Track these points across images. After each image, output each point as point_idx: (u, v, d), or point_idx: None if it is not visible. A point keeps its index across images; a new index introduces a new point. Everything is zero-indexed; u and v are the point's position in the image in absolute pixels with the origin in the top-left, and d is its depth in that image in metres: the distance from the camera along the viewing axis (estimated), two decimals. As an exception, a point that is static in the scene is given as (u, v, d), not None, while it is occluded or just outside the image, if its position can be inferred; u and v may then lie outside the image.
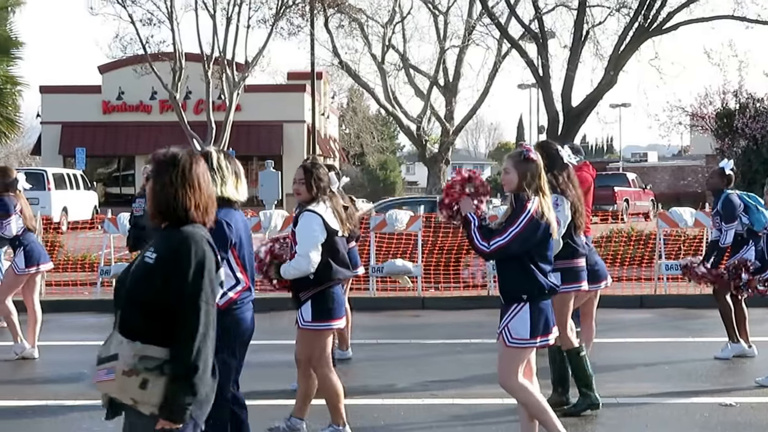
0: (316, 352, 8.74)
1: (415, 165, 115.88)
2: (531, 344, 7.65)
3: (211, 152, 7.51)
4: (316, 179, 8.78)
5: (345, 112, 79.00)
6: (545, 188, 7.75)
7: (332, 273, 8.68)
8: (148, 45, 37.85)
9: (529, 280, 7.59)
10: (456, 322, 16.73)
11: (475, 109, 32.52)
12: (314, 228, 8.57)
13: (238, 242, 7.34)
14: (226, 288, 7.20)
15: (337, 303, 8.75)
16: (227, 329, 7.24)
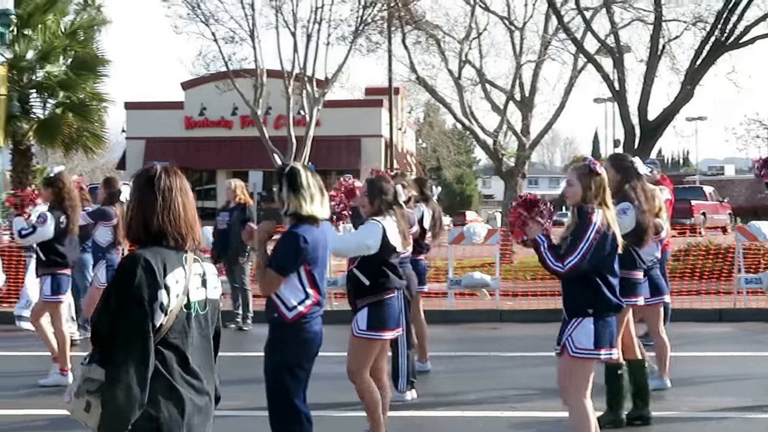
0: (361, 360, 8.80)
1: (492, 179, 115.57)
2: (595, 355, 7.64)
3: (299, 169, 7.70)
4: (379, 192, 8.94)
5: (422, 126, 79.10)
6: (609, 201, 7.77)
7: (388, 281, 8.81)
8: (230, 62, 38.31)
9: (596, 295, 7.59)
10: (534, 334, 16.79)
11: (551, 123, 32.47)
12: (369, 236, 8.73)
13: (313, 259, 7.47)
14: (296, 302, 7.41)
15: (391, 315, 8.85)
16: (296, 342, 7.45)
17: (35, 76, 34.34)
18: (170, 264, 4.59)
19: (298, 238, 7.35)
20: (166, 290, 4.52)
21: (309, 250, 7.39)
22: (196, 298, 4.69)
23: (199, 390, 4.67)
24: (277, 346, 7.45)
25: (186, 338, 4.62)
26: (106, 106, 35.47)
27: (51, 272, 12.49)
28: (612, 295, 7.63)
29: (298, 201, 7.49)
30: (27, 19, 33.14)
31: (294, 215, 7.50)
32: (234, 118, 57.86)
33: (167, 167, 4.91)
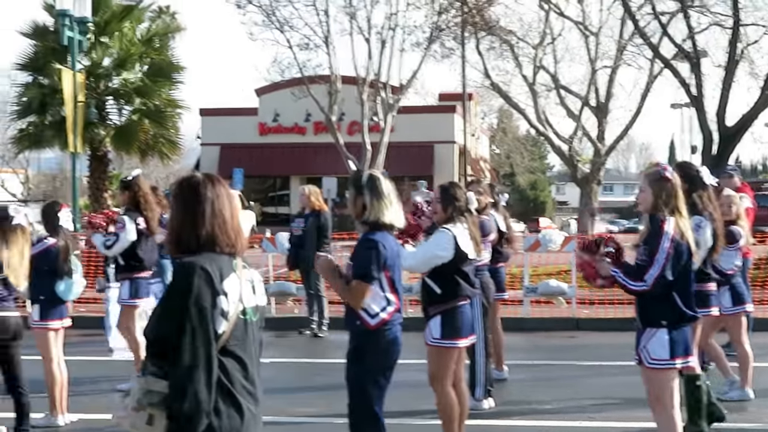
0: (440, 368, 8.75)
1: (566, 185, 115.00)
2: (671, 365, 7.53)
3: (379, 177, 7.68)
4: (452, 199, 8.89)
5: (495, 132, 78.98)
6: (682, 209, 7.62)
7: (460, 290, 8.75)
8: (304, 69, 38.48)
9: (670, 306, 7.47)
10: (611, 343, 16.62)
11: (626, 129, 32.29)
12: (442, 246, 8.68)
13: (391, 265, 7.45)
14: (378, 309, 7.38)
15: (465, 322, 8.80)
16: (379, 350, 7.42)
17: (112, 83, 34.75)
18: (225, 270, 4.60)
19: (377, 244, 7.33)
20: (225, 296, 4.54)
21: (388, 256, 7.38)
22: (250, 305, 4.69)
23: (255, 398, 4.68)
24: (361, 354, 7.42)
25: (244, 345, 4.63)
26: (181, 113, 35.83)
27: (129, 276, 12.57)
28: (686, 306, 7.51)
29: (379, 208, 7.47)
30: (104, 27, 33.55)
31: (373, 223, 7.46)
32: (307, 124, 58.15)
33: (209, 175, 4.91)
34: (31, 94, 33.72)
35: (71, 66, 29.02)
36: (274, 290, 19.78)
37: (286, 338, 18.01)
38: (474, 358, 11.13)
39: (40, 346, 10.74)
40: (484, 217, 11.49)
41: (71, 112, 28.66)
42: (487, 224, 11.41)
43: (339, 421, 7.53)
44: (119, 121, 34.88)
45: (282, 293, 19.88)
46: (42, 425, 10.65)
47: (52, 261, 10.54)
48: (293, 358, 15.86)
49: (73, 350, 13.88)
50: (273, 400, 12.04)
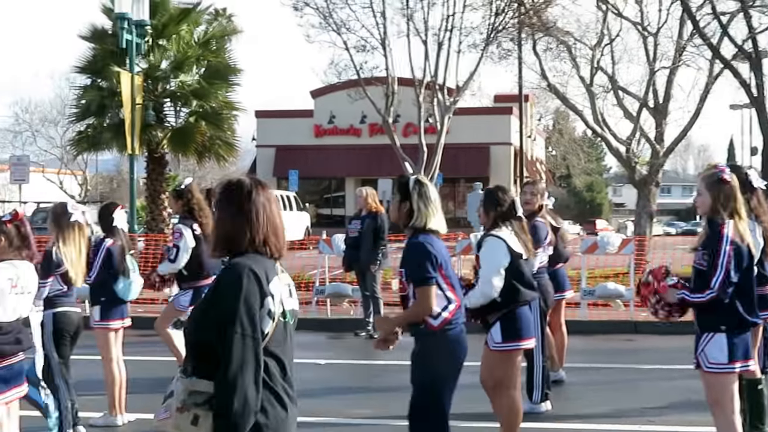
0: (505, 372, 8.72)
1: (623, 187, 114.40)
2: (730, 369, 7.42)
3: (426, 182, 7.63)
4: (495, 204, 8.80)
5: (551, 134, 78.72)
6: (741, 211, 7.51)
7: (519, 295, 8.67)
8: (361, 71, 38.51)
9: (730, 311, 7.35)
10: (670, 346, 16.48)
11: (685, 130, 31.87)
12: (497, 253, 8.58)
13: (444, 263, 7.40)
14: (440, 309, 7.34)
15: (525, 323, 8.73)
16: (445, 351, 7.38)
17: (169, 85, 34.88)
18: (270, 273, 4.67)
19: (424, 245, 7.31)
20: (272, 297, 4.62)
21: (438, 254, 7.35)
22: (288, 308, 4.73)
23: (293, 399, 4.71)
24: (427, 356, 7.38)
25: (284, 347, 4.68)
26: (238, 115, 35.90)
27: (193, 285, 12.56)
28: (747, 311, 7.39)
29: (427, 214, 7.43)
30: (161, 30, 33.70)
31: (419, 228, 7.43)
32: (363, 126, 58.29)
33: (257, 179, 5.01)
34: (89, 97, 33.92)
35: (129, 69, 29.20)
36: (330, 292, 19.82)
37: (341, 340, 18.04)
38: (532, 361, 11.07)
39: (101, 346, 10.82)
40: (538, 220, 11.41)
41: (129, 115, 28.84)
42: (541, 227, 11.33)
43: (395, 423, 7.52)
44: (176, 123, 35.00)
45: (338, 295, 19.90)
46: (101, 425, 10.73)
47: (112, 261, 10.62)
48: (349, 359, 15.87)
49: (131, 350, 13.98)
50: (329, 402, 12.08)
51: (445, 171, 46.78)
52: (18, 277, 7.21)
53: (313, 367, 14.81)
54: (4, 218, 7.40)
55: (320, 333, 18.67)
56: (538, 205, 11.70)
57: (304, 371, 14.42)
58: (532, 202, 11.66)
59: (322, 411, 11.41)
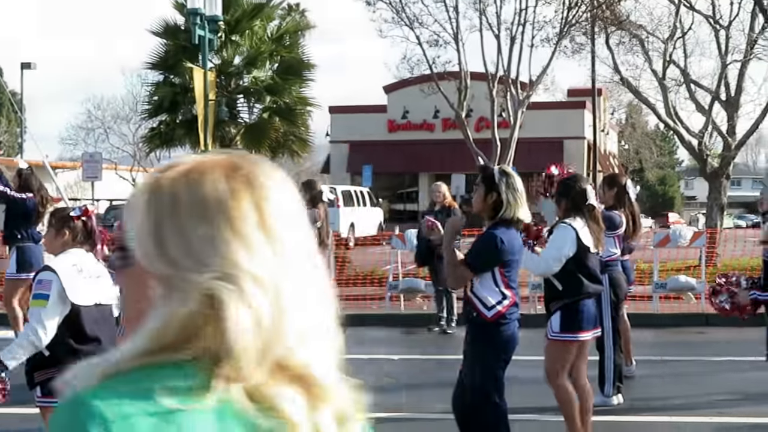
0: (558, 362, 8.80)
1: (694, 180, 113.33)
2: None
3: (512, 173, 7.76)
4: (569, 193, 8.90)
5: (624, 127, 78.26)
6: None
7: (582, 287, 8.73)
8: (434, 65, 38.59)
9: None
10: (742, 338, 16.44)
11: (757, 123, 31.63)
12: (565, 241, 8.65)
13: (509, 261, 7.52)
14: (494, 301, 7.47)
15: (586, 316, 8.78)
16: (496, 342, 7.52)
17: (242, 81, 35.23)
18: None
19: (496, 239, 7.42)
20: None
21: (506, 252, 7.46)
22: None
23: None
24: (478, 344, 7.52)
25: None
26: (311, 110, 36.18)
27: None
28: None
29: (516, 205, 7.56)
30: (234, 26, 34.02)
31: (507, 219, 7.55)
32: (436, 120, 58.33)
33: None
34: (162, 93, 34.35)
35: (202, 64, 29.47)
36: (404, 287, 19.97)
37: (415, 335, 18.17)
38: (603, 353, 11.16)
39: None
40: (614, 212, 11.48)
41: (202, 111, 29.10)
42: (616, 218, 11.40)
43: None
44: (250, 119, 35.35)
45: (411, 290, 20.04)
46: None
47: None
48: (422, 355, 16.01)
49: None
50: (403, 397, 12.25)
51: (518, 165, 46.47)
52: (82, 262, 7.28)
53: (387, 362, 14.98)
54: (73, 213, 7.55)
55: (394, 328, 18.82)
56: (613, 198, 11.69)
57: (378, 366, 14.66)
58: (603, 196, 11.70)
59: (396, 406, 11.56)
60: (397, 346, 16.87)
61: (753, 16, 30.13)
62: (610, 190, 11.76)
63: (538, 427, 10.22)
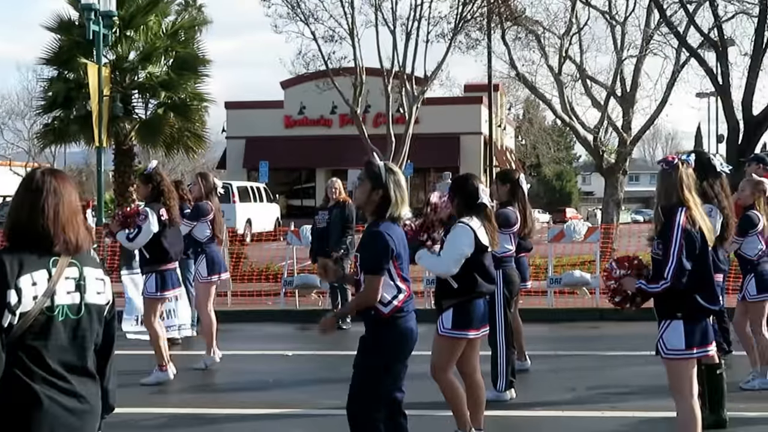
0: (445, 357, 8.77)
1: (591, 175, 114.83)
2: (687, 355, 7.50)
3: (397, 170, 7.64)
4: (462, 192, 8.87)
5: (521, 123, 78.88)
6: (692, 198, 7.54)
7: (476, 286, 8.72)
8: (329, 61, 38.46)
9: (687, 298, 7.42)
10: (635, 333, 16.57)
11: (653, 118, 31.98)
12: (463, 242, 8.61)
13: (399, 254, 7.39)
14: (390, 297, 7.35)
15: (477, 314, 8.76)
16: (395, 338, 7.40)
17: (137, 77, 34.82)
18: (28, 265, 4.63)
19: (384, 237, 7.30)
20: (17, 291, 4.55)
21: (395, 246, 7.34)
22: (65, 302, 4.70)
23: (65, 391, 4.68)
24: (377, 343, 7.40)
25: (48, 341, 4.64)
26: (207, 106, 35.85)
27: (156, 269, 12.59)
28: (705, 298, 7.46)
29: (402, 202, 7.44)
30: (129, 21, 33.60)
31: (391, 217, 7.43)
32: (333, 116, 58.31)
33: (51, 169, 4.96)
34: (56, 89, 33.83)
35: (96, 60, 29.11)
36: (298, 283, 19.85)
37: (310, 330, 18.03)
38: (496, 349, 11.12)
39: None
40: (509, 209, 11.45)
41: (96, 107, 28.75)
42: (512, 215, 11.37)
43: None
44: (145, 115, 34.96)
45: (306, 286, 19.92)
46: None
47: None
48: (317, 350, 15.88)
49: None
50: (297, 393, 12.14)
51: (415, 161, 46.84)
52: None
53: (281, 358, 14.85)
54: None
55: (288, 324, 18.71)
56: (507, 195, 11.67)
57: (272, 362, 14.53)
58: (496, 192, 11.69)
59: (290, 402, 11.47)
60: (291, 342, 16.74)
61: (648, 12, 30.44)
62: (503, 185, 11.72)
63: (431, 422, 10.12)
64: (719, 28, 27.61)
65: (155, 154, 40.79)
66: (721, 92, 27.24)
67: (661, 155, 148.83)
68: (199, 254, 13.83)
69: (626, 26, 31.48)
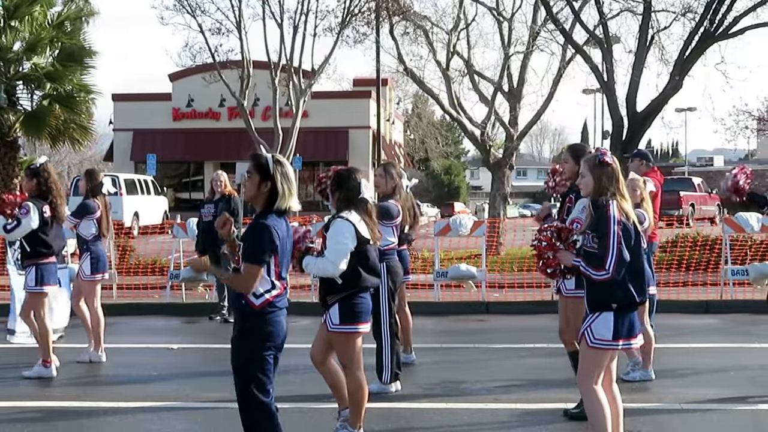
0: (348, 354, 8.81)
1: (480, 170, 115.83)
2: (613, 346, 7.58)
3: (285, 162, 7.61)
4: (342, 186, 8.91)
5: (410, 117, 79.09)
6: (624, 191, 7.64)
7: (360, 280, 8.77)
8: (216, 54, 38.20)
9: (623, 290, 7.48)
10: (520, 326, 16.83)
11: (539, 114, 32.35)
12: (345, 236, 8.63)
13: (282, 250, 7.37)
14: (263, 290, 7.32)
15: (364, 308, 8.84)
16: (264, 331, 7.35)
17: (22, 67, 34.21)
18: None
19: (270, 230, 7.25)
20: None
21: (279, 241, 7.32)
22: None
23: None
24: (246, 336, 7.36)
25: None
26: (94, 98, 35.31)
27: (35, 263, 12.43)
28: (636, 290, 7.54)
29: (290, 194, 7.40)
30: (13, 11, 33.00)
31: (276, 209, 7.39)
32: (222, 109, 58.00)
33: None
34: (-64, 79, 33.13)
35: (-21, 50, 28.58)
36: (185, 276, 19.72)
37: (196, 324, 17.98)
38: (380, 341, 11.15)
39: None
40: (391, 201, 11.49)
41: (-20, 97, 28.23)
42: (392, 207, 11.41)
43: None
44: (30, 107, 34.36)
45: (192, 279, 19.80)
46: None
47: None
48: (203, 343, 15.84)
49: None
50: (180, 386, 12.07)
51: (304, 154, 46.81)
52: None
53: (166, 351, 14.74)
54: None
55: (174, 318, 18.61)
56: (390, 187, 11.72)
57: (156, 356, 14.43)
58: (380, 184, 11.74)
59: (173, 395, 11.39)
60: (177, 336, 16.63)
61: (535, 9, 30.78)
62: (391, 179, 11.74)
63: (315, 415, 10.13)
64: (604, 25, 27.96)
65: (40, 146, 40.18)
66: (606, 89, 27.59)
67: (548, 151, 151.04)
68: (84, 252, 13.66)
69: (513, 22, 31.81)
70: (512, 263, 22.93)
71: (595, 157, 7.76)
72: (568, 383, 10.86)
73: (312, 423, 9.95)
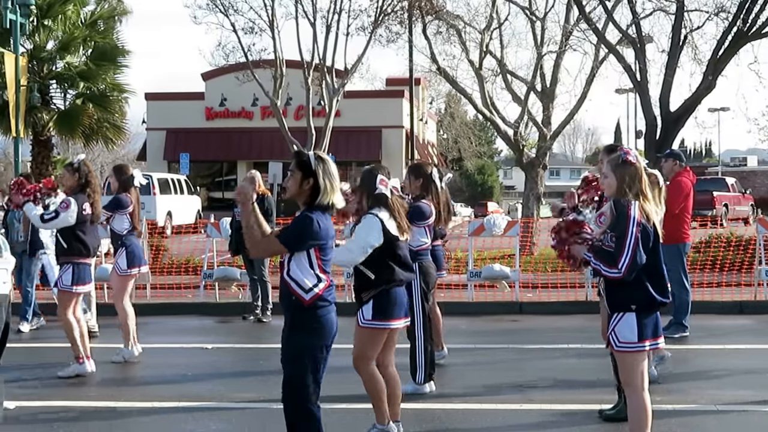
0: (368, 349, 8.78)
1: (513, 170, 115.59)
2: (639, 348, 7.52)
3: (328, 159, 7.64)
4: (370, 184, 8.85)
5: (443, 117, 79.12)
6: (647, 192, 7.58)
7: (394, 275, 8.74)
8: (249, 53, 38.33)
9: (641, 290, 7.45)
10: (554, 326, 16.77)
11: (572, 114, 32.25)
12: (370, 231, 8.63)
13: (323, 245, 7.41)
14: (311, 284, 7.35)
15: (398, 304, 8.80)
16: (316, 325, 7.38)
17: (55, 66, 34.48)
18: None
19: (312, 220, 7.30)
20: None
21: (321, 236, 7.35)
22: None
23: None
24: (298, 330, 7.38)
25: None
26: (127, 97, 35.59)
27: (72, 261, 12.42)
28: (657, 291, 7.51)
29: (332, 190, 7.44)
30: (47, 10, 33.25)
31: (323, 206, 7.43)
32: (254, 108, 58.11)
33: None
34: (-28, 78, 33.37)
35: (13, 49, 28.77)
36: (218, 275, 19.77)
37: (230, 323, 18.00)
38: (415, 341, 11.14)
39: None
40: (423, 202, 11.45)
41: (13, 96, 28.42)
42: (426, 208, 11.37)
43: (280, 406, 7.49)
44: (63, 106, 34.62)
45: (226, 278, 19.85)
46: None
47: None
48: (237, 343, 15.85)
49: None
50: (214, 386, 12.08)
51: (337, 154, 46.82)
52: None
53: (200, 351, 14.77)
54: None
55: (208, 317, 18.64)
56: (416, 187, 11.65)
57: (190, 356, 14.46)
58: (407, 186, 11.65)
59: (207, 395, 11.39)
60: (211, 335, 16.66)
61: (568, 8, 30.67)
62: (416, 180, 11.70)
63: (347, 415, 10.13)
64: (637, 25, 27.85)
65: (74, 144, 40.43)
66: (640, 89, 27.48)
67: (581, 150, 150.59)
68: (119, 247, 13.67)
69: (546, 22, 31.70)
70: (546, 263, 22.86)
71: (618, 156, 7.70)
72: (602, 384, 10.83)
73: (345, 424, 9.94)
